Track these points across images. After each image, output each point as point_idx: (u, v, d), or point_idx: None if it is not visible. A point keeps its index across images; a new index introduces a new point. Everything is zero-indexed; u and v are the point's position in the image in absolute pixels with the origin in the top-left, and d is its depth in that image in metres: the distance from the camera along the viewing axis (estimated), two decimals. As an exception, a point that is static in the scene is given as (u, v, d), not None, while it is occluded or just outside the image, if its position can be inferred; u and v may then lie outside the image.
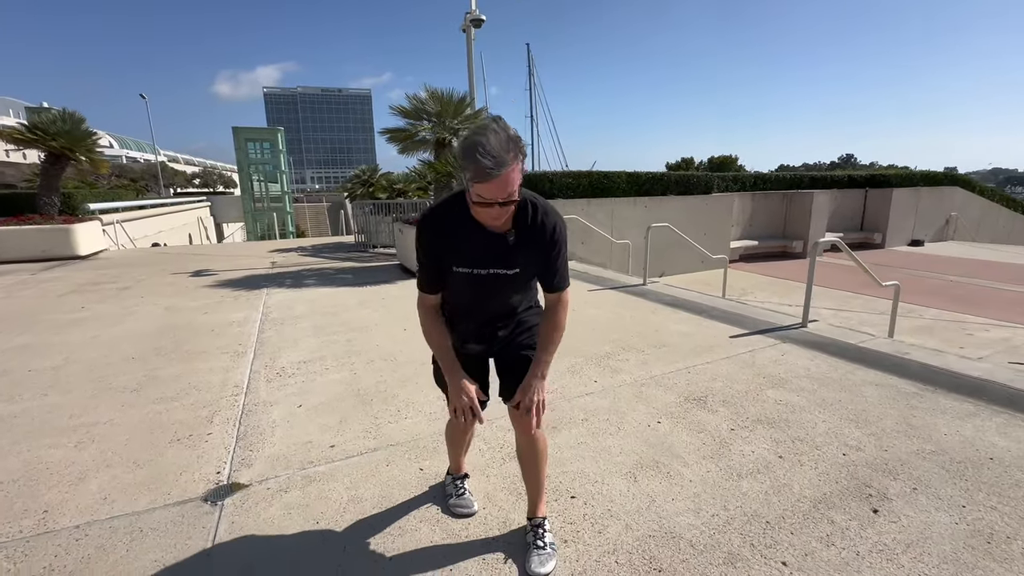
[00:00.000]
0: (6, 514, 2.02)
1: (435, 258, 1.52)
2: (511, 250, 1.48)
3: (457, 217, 1.46)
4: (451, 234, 1.47)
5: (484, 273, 1.50)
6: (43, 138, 9.40)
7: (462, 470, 2.08)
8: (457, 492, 2.03)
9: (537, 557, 1.67)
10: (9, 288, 6.74)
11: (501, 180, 1.27)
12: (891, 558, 1.70)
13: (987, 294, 8.08)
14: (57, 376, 3.53)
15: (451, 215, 1.47)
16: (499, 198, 1.30)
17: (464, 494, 2.02)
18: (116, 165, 45.53)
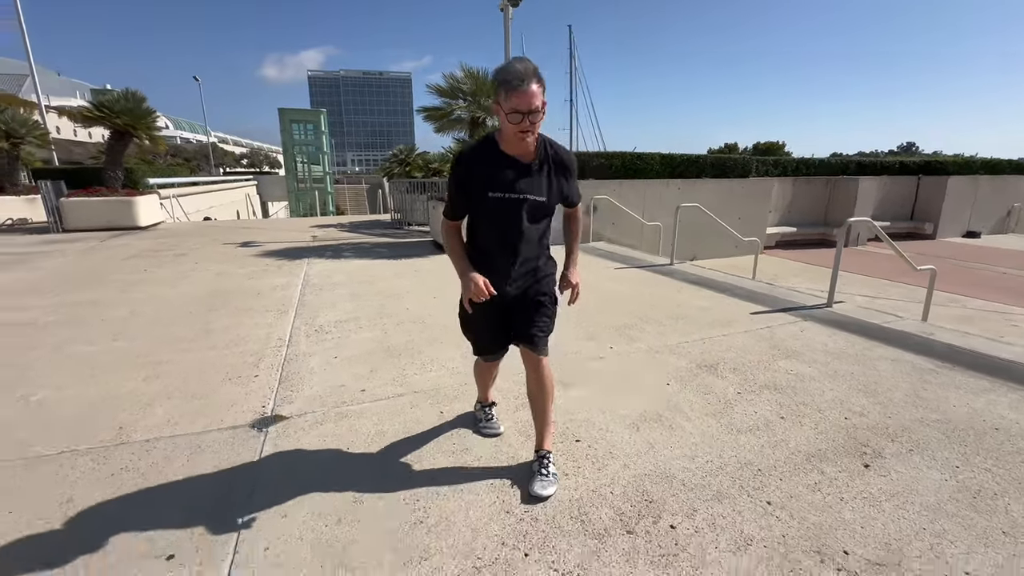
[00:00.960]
0: (90, 429, 2.37)
1: (465, 191, 1.76)
2: (537, 179, 1.76)
3: (490, 152, 1.74)
4: (486, 165, 1.72)
5: (517, 198, 1.73)
6: (109, 116, 10.10)
7: (489, 399, 2.38)
8: (486, 417, 2.36)
9: (540, 482, 1.88)
10: (82, 252, 7.40)
11: (528, 93, 1.57)
12: (873, 504, 1.80)
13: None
14: (125, 325, 3.96)
15: (485, 151, 1.75)
16: (528, 108, 1.58)
17: (492, 419, 2.35)
18: (171, 145, 47.91)
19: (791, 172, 11.79)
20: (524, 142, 1.68)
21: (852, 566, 1.53)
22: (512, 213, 1.75)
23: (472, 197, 1.76)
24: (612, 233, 8.49)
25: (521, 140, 1.66)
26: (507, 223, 1.78)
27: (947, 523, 1.70)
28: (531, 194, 1.75)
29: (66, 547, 1.62)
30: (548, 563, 1.56)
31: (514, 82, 1.57)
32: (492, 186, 1.72)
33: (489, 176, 1.72)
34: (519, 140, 1.66)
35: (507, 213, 1.75)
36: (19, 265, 6.46)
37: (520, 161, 1.74)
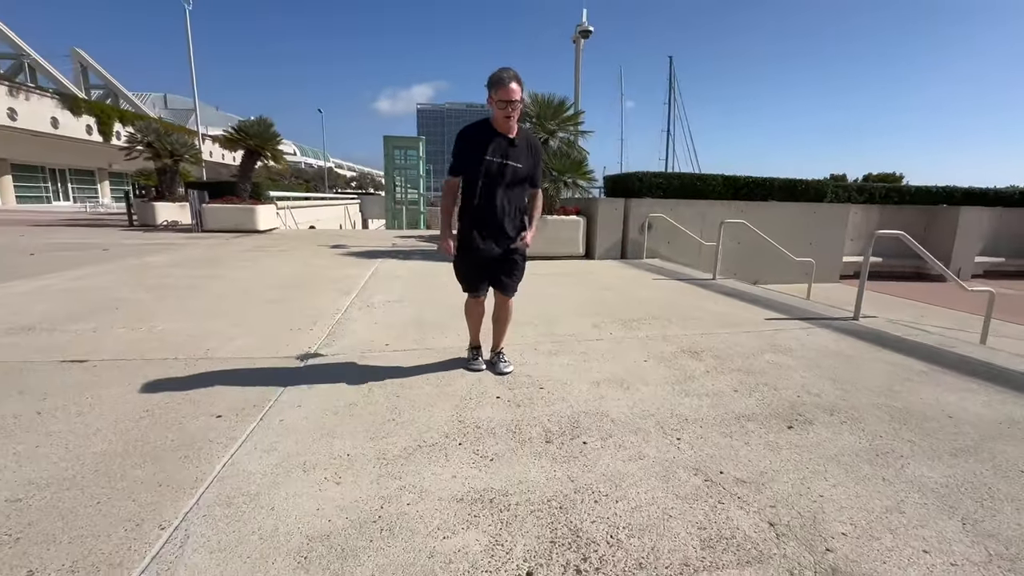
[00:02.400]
0: (188, 348, 3.21)
1: (466, 155, 2.48)
2: (518, 149, 2.49)
3: (485, 130, 2.49)
4: (483, 138, 2.46)
5: (504, 163, 2.46)
6: (244, 138, 12.23)
7: (478, 341, 2.99)
8: (473, 357, 2.98)
9: (502, 364, 2.87)
10: (211, 247, 9.07)
11: (510, 89, 2.33)
12: (772, 448, 2.02)
13: None
14: (228, 291, 5.01)
15: (482, 128, 2.50)
16: (510, 98, 2.33)
17: (478, 359, 2.97)
18: (296, 168, 54.67)
19: (879, 199, 10.96)
20: (508, 123, 2.43)
21: (717, 479, 1.80)
22: (501, 173, 2.46)
23: (471, 160, 2.45)
24: (667, 251, 8.59)
25: (506, 122, 2.42)
26: (497, 182, 2.47)
27: (833, 467, 1.88)
28: (515, 161, 2.48)
29: (157, 403, 2.37)
30: (473, 450, 2.00)
31: (500, 82, 2.34)
32: (488, 151, 2.43)
33: (485, 144, 2.44)
34: (505, 122, 2.42)
35: (498, 174, 2.46)
36: (167, 251, 8.16)
37: (507, 136, 2.47)
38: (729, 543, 1.47)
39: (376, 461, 1.90)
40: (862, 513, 1.61)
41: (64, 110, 26.70)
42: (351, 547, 1.44)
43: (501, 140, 2.46)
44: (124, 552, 1.40)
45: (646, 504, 1.65)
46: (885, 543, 1.47)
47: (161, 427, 2.14)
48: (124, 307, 4.27)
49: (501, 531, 1.52)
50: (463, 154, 2.49)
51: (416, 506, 1.63)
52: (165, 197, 14.41)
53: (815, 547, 1.45)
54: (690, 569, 1.37)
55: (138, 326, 3.70)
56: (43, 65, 32.22)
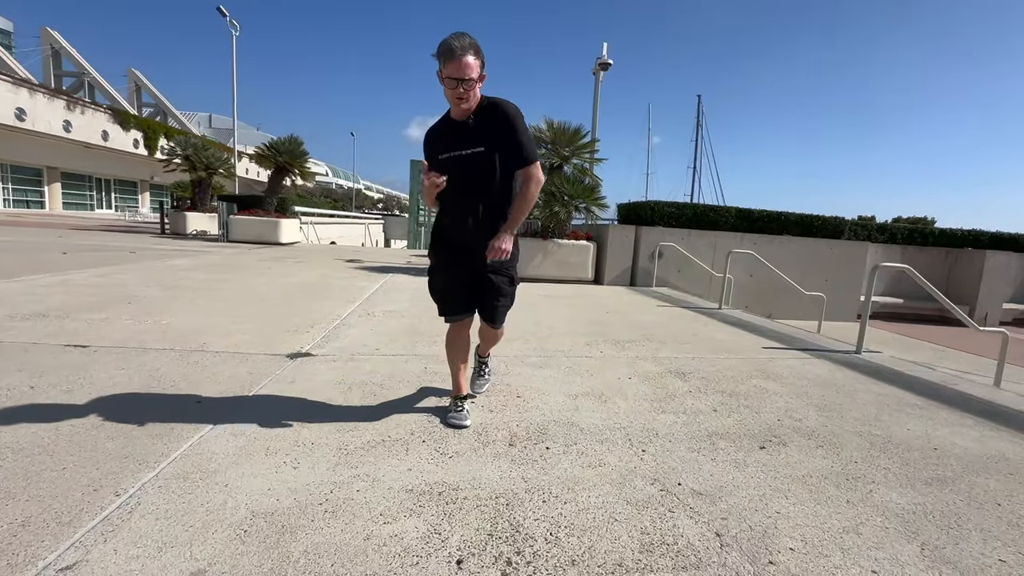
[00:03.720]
0: (185, 341, 3.33)
1: (427, 154, 2.07)
2: (472, 131, 1.94)
3: (441, 123, 2.06)
4: (437, 132, 2.05)
5: (460, 154, 1.95)
6: (274, 155, 12.78)
7: (463, 390, 2.32)
8: (455, 408, 2.28)
9: (478, 381, 2.65)
10: (231, 255, 9.41)
11: (462, 63, 1.80)
12: (738, 466, 1.97)
13: None
14: (237, 294, 5.18)
15: (438, 124, 2.06)
16: (462, 75, 1.81)
17: (461, 409, 2.26)
18: (327, 188, 56.49)
19: (900, 240, 10.71)
20: (461, 106, 1.91)
21: (673, 489, 1.76)
22: (458, 168, 1.95)
23: (432, 164, 2.00)
24: (677, 280, 8.53)
25: (458, 105, 1.91)
26: (459, 180, 1.95)
27: (797, 487, 1.83)
28: (468, 147, 1.94)
29: (143, 387, 2.47)
30: (435, 448, 2.01)
31: (449, 53, 1.80)
32: (440, 149, 2.00)
33: (437, 142, 2.03)
34: (456, 104, 1.92)
35: (455, 170, 1.95)
36: (190, 256, 8.50)
37: (460, 121, 1.97)
38: (669, 549, 1.44)
39: (337, 451, 1.93)
40: (816, 532, 1.56)
41: (115, 124, 28.40)
42: (291, 525, 1.46)
43: (454, 128, 1.98)
44: (76, 512, 1.45)
45: (594, 507, 1.63)
46: (833, 561, 1.42)
47: (141, 407, 2.22)
48: (137, 302, 4.45)
49: (442, 521, 1.52)
50: (425, 152, 2.08)
51: (365, 493, 1.65)
52: (197, 208, 15.06)
53: (758, 559, 1.41)
54: (622, 570, 1.34)
55: (145, 319, 3.85)
56: (101, 83, 34.52)
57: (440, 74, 1.86)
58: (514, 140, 1.95)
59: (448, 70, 1.82)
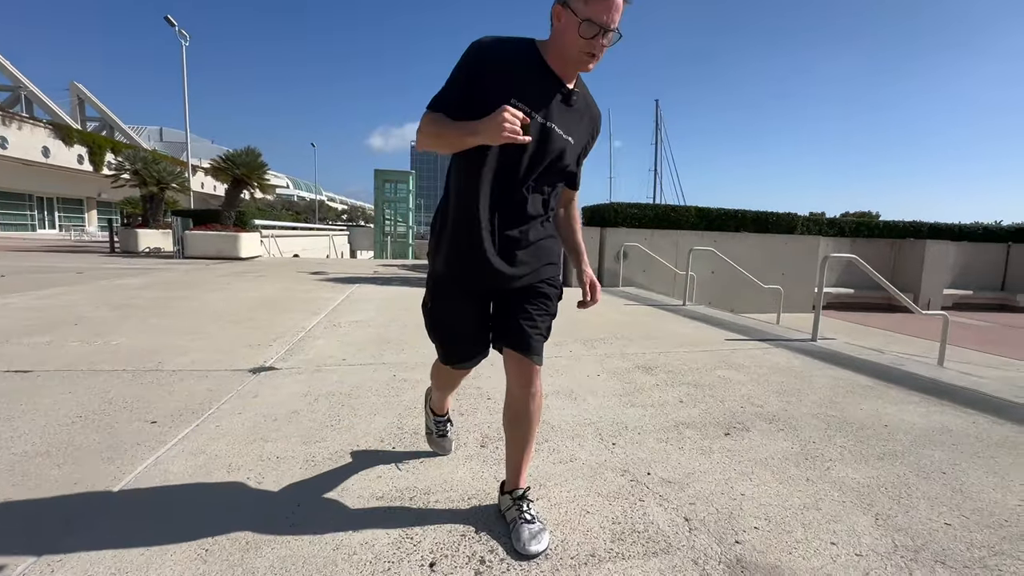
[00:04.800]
0: (140, 361, 3.18)
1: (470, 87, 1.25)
2: (574, 114, 1.33)
3: (526, 53, 1.28)
4: (515, 65, 1.26)
5: (541, 122, 1.27)
6: (231, 167, 12.40)
7: (446, 410, 1.84)
8: (439, 432, 1.87)
9: (525, 525, 1.41)
10: (188, 272, 9.04)
11: (614, 4, 1.18)
12: (705, 452, 2.02)
13: None
14: (194, 311, 4.98)
15: (520, 49, 1.29)
16: (610, 21, 1.19)
17: (445, 434, 1.89)
18: (288, 200, 55.16)
19: (848, 233, 11.31)
20: (584, 66, 1.27)
21: (643, 479, 1.80)
22: (535, 145, 1.28)
23: (477, 102, 1.22)
24: (643, 279, 8.71)
25: (583, 63, 1.25)
26: (517, 157, 1.27)
27: (760, 469, 1.89)
28: (562, 127, 1.30)
29: (92, 411, 2.34)
30: (406, 453, 1.98)
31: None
32: (519, 93, 1.23)
33: (519, 79, 1.24)
34: (579, 62, 1.25)
35: (535, 141, 1.27)
36: (143, 275, 8.12)
37: (562, 81, 1.30)
38: (640, 536, 1.46)
39: (304, 463, 1.88)
40: (779, 510, 1.61)
41: (56, 140, 26.93)
42: (255, 542, 1.41)
43: (552, 83, 1.29)
44: (14, 544, 1.36)
45: (566, 502, 1.64)
46: (795, 536, 1.47)
47: (91, 432, 2.10)
48: (85, 324, 4.22)
49: (414, 526, 1.50)
50: (468, 83, 1.26)
51: (333, 504, 1.61)
52: (149, 224, 14.43)
53: (725, 539, 1.45)
54: (595, 560, 1.35)
55: (94, 340, 3.65)
56: (40, 97, 32.69)
57: (562, 15, 1.22)
58: (586, 154, 1.47)
59: (593, 8, 1.17)
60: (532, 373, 1.39)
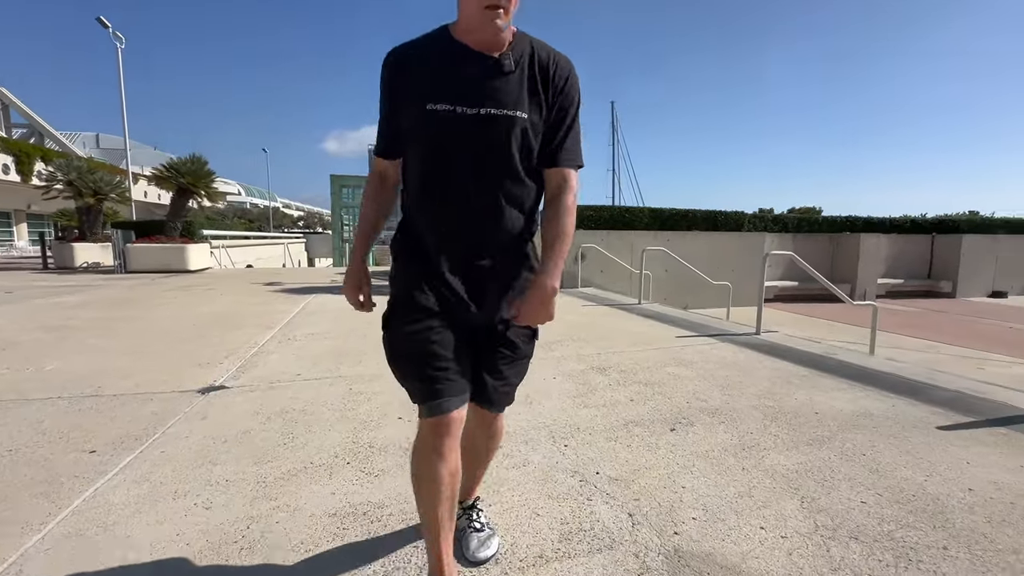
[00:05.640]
0: (76, 387, 3.03)
1: (395, 103, 1.14)
2: (508, 79, 1.08)
3: (437, 44, 1.11)
4: (428, 60, 1.10)
5: (472, 114, 1.06)
6: (175, 175, 11.85)
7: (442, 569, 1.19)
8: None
9: (473, 534, 1.43)
10: (131, 287, 8.59)
11: None
12: (651, 448, 2.13)
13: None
14: (138, 330, 4.76)
15: (429, 42, 1.13)
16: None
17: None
18: (240, 208, 53.13)
19: (792, 228, 11.97)
20: (493, 23, 1.03)
21: (592, 479, 1.88)
22: (468, 143, 1.08)
23: (403, 114, 1.12)
24: (601, 280, 8.92)
25: (490, 20, 1.03)
26: (456, 160, 1.09)
27: (701, 462, 2.01)
28: (499, 105, 1.07)
29: (24, 443, 2.22)
30: (360, 468, 1.99)
31: None
32: (433, 92, 1.07)
33: (430, 76, 1.08)
34: (485, 20, 1.03)
35: (457, 140, 1.08)
36: (81, 292, 7.65)
37: (484, 54, 1.08)
38: (586, 534, 1.53)
39: (255, 485, 1.86)
40: (715, 499, 1.73)
41: (-24, 149, 24.94)
42: (202, 569, 1.39)
43: (472, 61, 1.10)
44: (-59, 592, 1.30)
45: (518, 506, 1.70)
46: (729, 523, 1.58)
47: (22, 466, 2.00)
48: (14, 348, 3.97)
49: (366, 540, 1.52)
50: (391, 100, 1.16)
51: (285, 524, 1.60)
52: (87, 238, 13.60)
53: (664, 531, 1.54)
54: (543, 560, 1.41)
55: (25, 367, 3.44)
56: (-45, 102, 30.24)
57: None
58: (562, 121, 1.15)
59: None
60: (495, 420, 1.35)
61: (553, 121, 1.15)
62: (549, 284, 1.13)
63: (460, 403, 1.14)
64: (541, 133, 1.14)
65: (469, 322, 1.18)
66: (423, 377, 1.12)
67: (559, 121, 1.15)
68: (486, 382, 1.24)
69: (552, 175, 1.18)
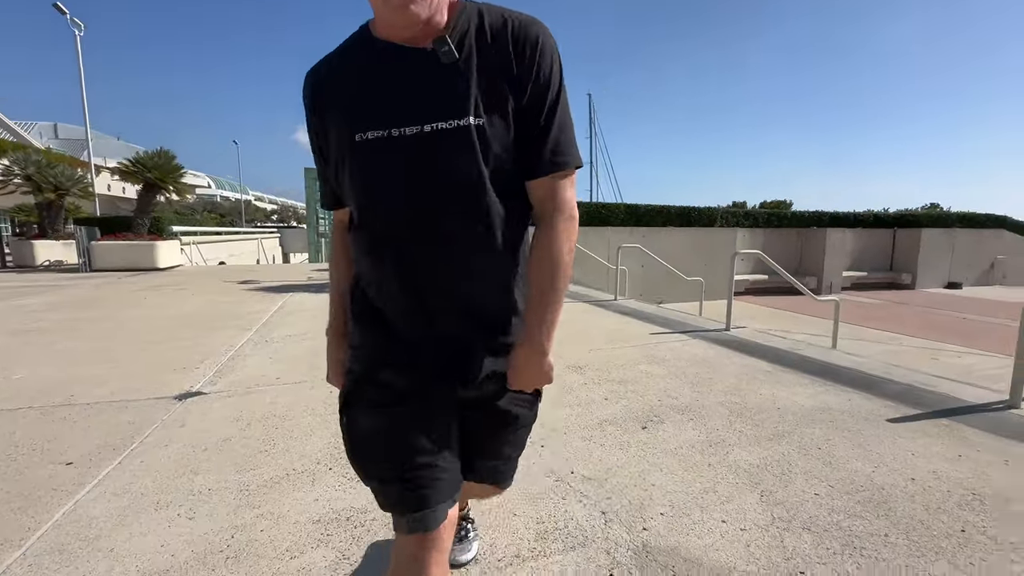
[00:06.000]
0: (47, 396, 2.98)
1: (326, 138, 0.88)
2: (451, 73, 0.79)
3: (359, 46, 0.86)
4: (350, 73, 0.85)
5: (412, 134, 0.78)
6: (142, 171, 11.50)
7: None
8: None
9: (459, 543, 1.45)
10: (98, 286, 8.34)
11: None
12: (623, 447, 2.23)
13: (993, 330, 7.76)
14: (108, 333, 4.66)
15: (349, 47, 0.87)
16: None
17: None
18: (210, 202, 51.64)
19: (762, 224, 12.33)
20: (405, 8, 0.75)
21: (567, 478, 1.97)
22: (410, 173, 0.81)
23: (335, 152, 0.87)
24: (578, 275, 9.05)
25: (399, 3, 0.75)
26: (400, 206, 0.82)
27: (670, 459, 2.12)
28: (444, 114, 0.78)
29: (7, 456, 2.20)
30: (342, 474, 2.04)
31: None
32: (359, 116, 0.82)
33: (354, 93, 0.83)
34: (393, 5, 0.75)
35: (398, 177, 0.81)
36: (44, 293, 7.41)
37: (414, 49, 0.80)
38: (561, 533, 1.62)
39: (238, 493, 1.89)
40: (682, 496, 1.84)
41: (-77, 140, 23.62)
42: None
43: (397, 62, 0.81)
44: (-77, 612, 1.31)
45: (496, 507, 1.78)
46: (693, 518, 1.69)
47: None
48: (-24, 356, 3.85)
49: (351, 546, 1.57)
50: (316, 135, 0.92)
51: (269, 532, 1.65)
52: (48, 235, 13.10)
53: (634, 527, 1.64)
54: (519, 559, 1.50)
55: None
56: (-102, 90, 28.48)
57: None
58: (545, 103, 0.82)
59: None
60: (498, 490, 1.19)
61: (526, 110, 0.81)
62: (536, 353, 0.88)
63: (450, 506, 0.87)
64: (513, 133, 0.82)
65: (453, 398, 0.92)
66: (399, 479, 0.85)
67: (534, 108, 0.81)
68: (485, 465, 1.04)
69: (534, 189, 0.85)
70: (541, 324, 0.89)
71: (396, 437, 0.86)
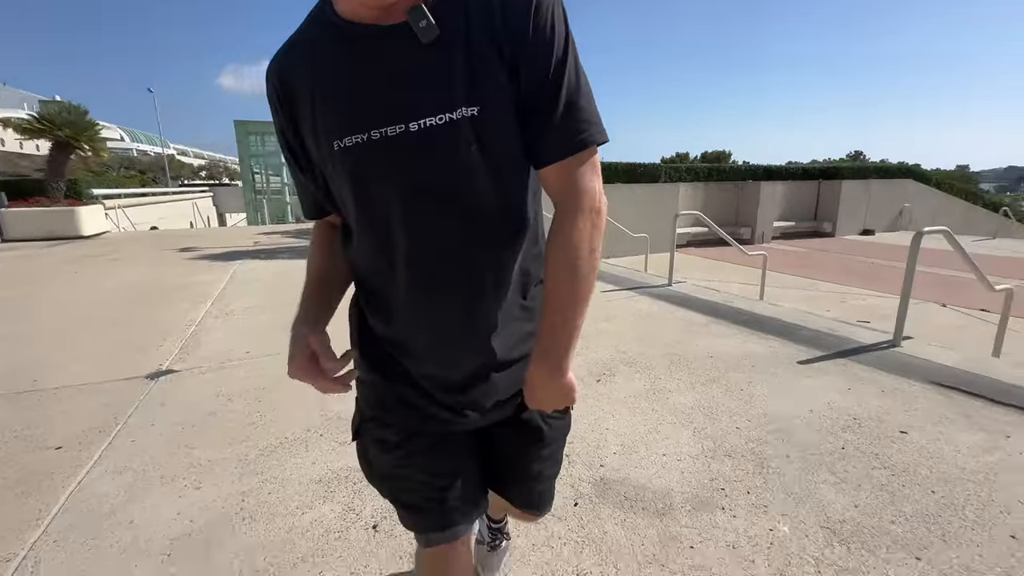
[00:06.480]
0: (10, 382, 2.94)
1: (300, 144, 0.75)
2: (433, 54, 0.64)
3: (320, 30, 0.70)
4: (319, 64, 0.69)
5: (395, 134, 0.66)
6: (50, 128, 10.37)
7: None
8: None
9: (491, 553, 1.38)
10: (14, 260, 7.72)
11: None
12: (582, 400, 2.55)
13: (892, 273, 8.80)
14: (49, 312, 4.48)
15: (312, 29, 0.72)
16: None
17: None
18: (125, 157, 46.95)
19: (703, 178, 12.97)
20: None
21: (535, 429, 2.28)
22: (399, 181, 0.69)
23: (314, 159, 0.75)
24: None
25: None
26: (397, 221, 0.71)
27: (620, 407, 2.48)
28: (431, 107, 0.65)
29: (-20, 444, 2.23)
30: (333, 438, 2.25)
31: None
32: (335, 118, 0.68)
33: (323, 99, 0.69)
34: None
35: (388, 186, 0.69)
36: (-45, 270, 6.80)
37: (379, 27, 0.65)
38: (533, 474, 1.94)
39: (238, 463, 2.07)
40: (630, 437, 2.19)
41: None
42: (215, 537, 1.63)
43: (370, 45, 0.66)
44: (-32, 588, 1.44)
45: (476, 457, 2.06)
46: (640, 454, 2.05)
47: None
48: (-92, 345, 3.64)
49: (354, 499, 1.82)
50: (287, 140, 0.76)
51: (277, 494, 1.86)
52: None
53: (593, 465, 1.98)
54: (501, 498, 1.80)
55: (-66, 365, 3.23)
56: None
57: None
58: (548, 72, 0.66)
59: None
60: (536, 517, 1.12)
61: (527, 78, 0.66)
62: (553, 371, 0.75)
63: (474, 518, 0.87)
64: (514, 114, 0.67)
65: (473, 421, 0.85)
66: (420, 504, 0.84)
67: (537, 74, 0.66)
68: (520, 490, 0.98)
69: (547, 178, 0.71)
70: (558, 339, 0.74)
71: (413, 466, 0.84)
